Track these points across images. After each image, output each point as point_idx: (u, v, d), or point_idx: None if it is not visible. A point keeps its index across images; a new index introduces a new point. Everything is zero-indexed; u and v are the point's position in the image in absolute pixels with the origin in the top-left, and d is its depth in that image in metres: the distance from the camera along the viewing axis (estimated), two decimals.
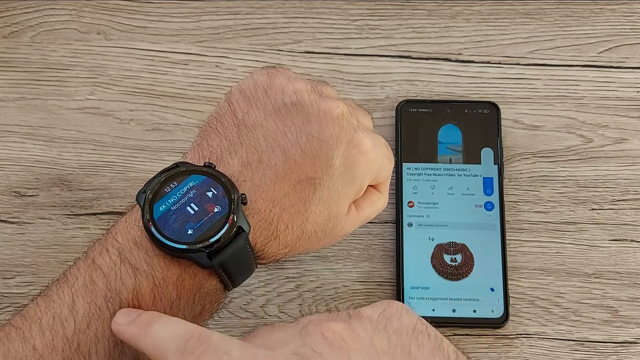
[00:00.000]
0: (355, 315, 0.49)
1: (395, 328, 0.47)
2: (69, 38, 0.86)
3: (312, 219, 0.60)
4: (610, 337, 0.74)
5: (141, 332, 0.51)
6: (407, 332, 0.48)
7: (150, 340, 0.50)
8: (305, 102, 0.61)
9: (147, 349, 0.50)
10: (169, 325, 0.51)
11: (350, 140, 0.60)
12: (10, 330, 0.55)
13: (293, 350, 0.46)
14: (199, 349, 0.47)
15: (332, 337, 0.46)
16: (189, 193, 0.57)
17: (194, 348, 0.47)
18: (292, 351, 0.46)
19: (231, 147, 0.60)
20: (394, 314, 0.49)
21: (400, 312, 0.49)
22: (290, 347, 0.46)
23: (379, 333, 0.47)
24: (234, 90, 0.64)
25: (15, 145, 0.82)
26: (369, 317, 0.49)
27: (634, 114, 0.83)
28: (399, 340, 0.47)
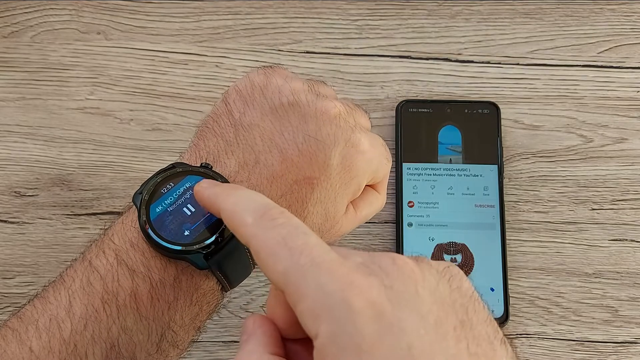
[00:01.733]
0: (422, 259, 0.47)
1: (457, 286, 0.46)
2: (69, 38, 0.86)
3: (310, 219, 0.60)
4: (610, 337, 0.74)
5: (225, 192, 0.50)
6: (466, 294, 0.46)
7: (232, 198, 0.48)
8: (302, 102, 0.61)
9: (226, 206, 0.48)
10: (255, 193, 0.49)
11: (347, 140, 0.60)
12: (6, 332, 0.55)
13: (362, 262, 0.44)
14: (279, 219, 0.45)
15: (402, 265, 0.45)
16: (186, 194, 0.56)
17: (274, 216, 0.46)
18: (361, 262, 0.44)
19: (228, 148, 0.60)
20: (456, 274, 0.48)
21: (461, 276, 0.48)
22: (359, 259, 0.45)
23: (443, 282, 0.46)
24: (230, 90, 0.63)
25: (15, 145, 0.82)
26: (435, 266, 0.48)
27: (634, 114, 0.83)
28: (459, 297, 0.46)
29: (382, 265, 0.44)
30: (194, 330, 0.59)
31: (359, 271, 0.43)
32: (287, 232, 0.44)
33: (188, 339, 0.59)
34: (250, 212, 0.46)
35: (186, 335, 0.58)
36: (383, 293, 0.42)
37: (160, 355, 0.57)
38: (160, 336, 0.56)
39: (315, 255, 0.43)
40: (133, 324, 0.55)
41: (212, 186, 0.52)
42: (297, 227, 0.45)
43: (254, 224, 0.46)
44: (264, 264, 0.44)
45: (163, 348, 0.57)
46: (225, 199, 0.49)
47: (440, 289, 0.45)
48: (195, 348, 0.74)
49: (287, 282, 0.43)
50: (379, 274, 0.43)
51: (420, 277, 0.45)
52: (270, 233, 0.45)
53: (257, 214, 0.46)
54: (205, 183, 0.52)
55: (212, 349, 0.75)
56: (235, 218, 0.47)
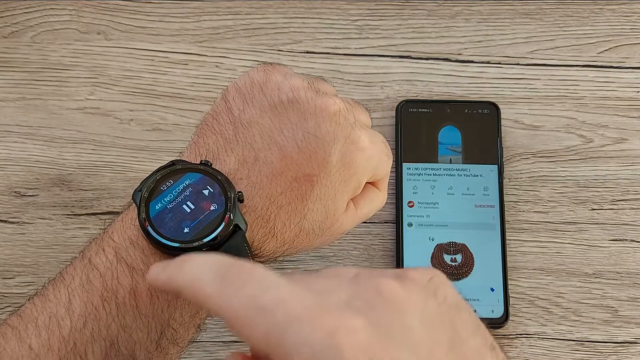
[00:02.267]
0: (405, 275, 0.46)
1: (443, 298, 0.46)
2: (69, 38, 0.86)
3: (310, 216, 0.60)
4: (610, 337, 0.74)
5: (176, 270, 0.45)
6: (453, 305, 0.46)
7: (187, 273, 0.44)
8: (301, 99, 0.61)
9: (183, 284, 0.44)
10: (207, 256, 0.45)
11: (347, 137, 0.60)
12: (6, 329, 0.55)
13: (346, 301, 0.42)
14: (241, 279, 0.42)
15: (388, 294, 0.43)
16: (185, 191, 0.56)
17: (235, 278, 0.42)
18: (344, 301, 0.42)
19: (227, 145, 0.60)
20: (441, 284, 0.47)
21: (446, 284, 0.47)
22: (342, 295, 0.43)
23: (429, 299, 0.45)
24: (230, 87, 0.63)
25: (15, 145, 0.82)
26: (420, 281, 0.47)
27: (634, 114, 0.83)
28: (447, 311, 0.45)
29: (367, 299, 0.43)
30: (194, 328, 0.59)
31: (343, 313, 0.41)
32: (253, 292, 0.41)
33: (188, 336, 0.59)
34: (209, 282, 0.43)
35: (186, 333, 0.58)
36: (372, 333, 0.40)
37: (160, 352, 0.57)
38: (160, 334, 0.56)
39: (291, 308, 0.40)
40: (132, 321, 0.55)
41: (162, 270, 0.46)
42: (261, 281, 0.42)
43: (217, 294, 0.42)
44: (241, 333, 0.41)
45: (163, 346, 0.57)
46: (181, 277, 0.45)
47: (428, 309, 0.44)
48: (195, 348, 0.74)
49: (269, 344, 0.40)
50: (364, 310, 0.42)
51: (407, 303, 0.44)
52: (237, 299, 0.42)
53: (216, 283, 0.43)
54: (156, 269, 0.47)
55: (212, 349, 0.75)
56: (197, 294, 0.44)
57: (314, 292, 0.43)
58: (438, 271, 0.48)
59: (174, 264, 0.46)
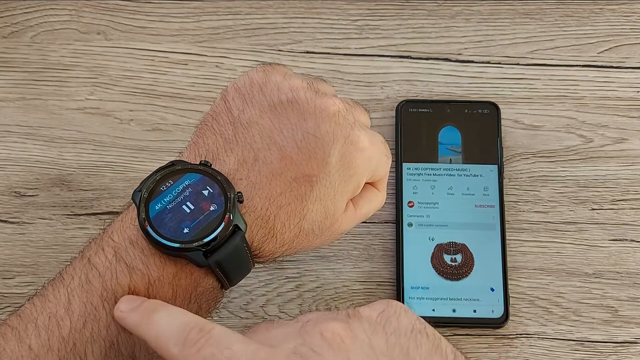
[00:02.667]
0: (354, 315, 0.49)
1: (394, 328, 0.47)
2: (69, 38, 0.86)
3: (309, 216, 0.60)
4: (610, 337, 0.74)
5: (144, 320, 0.51)
6: (406, 332, 0.47)
7: (152, 328, 0.50)
8: (301, 100, 0.61)
9: (149, 337, 0.50)
10: (172, 314, 0.50)
11: (346, 137, 0.60)
12: (6, 330, 0.55)
13: (292, 349, 0.46)
14: (200, 341, 0.47)
15: (330, 337, 0.46)
16: (185, 192, 0.56)
17: (195, 340, 0.47)
18: (291, 350, 0.46)
19: (227, 145, 0.60)
20: (392, 314, 0.49)
21: (399, 312, 0.49)
22: (290, 345, 0.46)
23: (377, 333, 0.47)
24: (229, 87, 0.63)
25: (15, 145, 0.82)
26: (368, 317, 0.49)
27: (634, 114, 0.83)
28: (397, 341, 0.46)
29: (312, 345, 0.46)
30: None
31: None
32: (210, 353, 0.46)
33: None
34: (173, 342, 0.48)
35: None
36: None
37: None
38: None
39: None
40: None
41: (130, 312, 0.53)
42: (218, 343, 0.47)
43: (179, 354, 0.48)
44: None
45: None
46: (147, 330, 0.50)
47: (375, 343, 0.46)
48: None
49: None
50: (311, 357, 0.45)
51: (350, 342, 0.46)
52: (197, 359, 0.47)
53: (180, 343, 0.48)
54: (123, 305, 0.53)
55: None
56: (162, 351, 0.49)
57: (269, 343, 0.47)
58: (393, 302, 0.51)
59: (142, 311, 0.52)
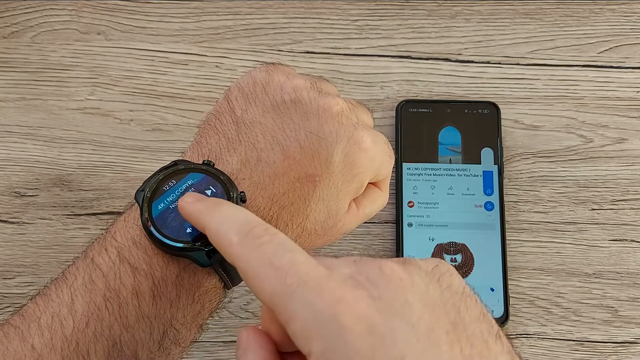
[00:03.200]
0: (410, 262, 0.47)
1: (448, 284, 0.46)
2: (69, 38, 0.86)
3: (312, 216, 0.60)
4: (610, 337, 0.74)
5: (208, 209, 0.50)
6: (458, 291, 0.47)
7: (216, 216, 0.49)
8: (304, 99, 0.61)
9: (210, 225, 0.49)
10: (238, 208, 0.50)
11: (350, 137, 0.60)
12: (9, 329, 0.55)
13: (349, 274, 0.44)
14: (264, 237, 0.45)
15: (390, 273, 0.45)
16: (188, 191, 0.56)
17: (259, 234, 0.46)
18: (348, 275, 0.44)
19: (230, 145, 0.59)
20: (445, 272, 0.48)
21: (451, 272, 0.48)
22: (347, 270, 0.45)
23: (433, 284, 0.46)
24: (232, 87, 0.63)
25: (15, 145, 0.82)
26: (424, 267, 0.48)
27: (634, 114, 0.83)
28: (450, 297, 0.46)
29: (369, 276, 0.44)
30: (196, 328, 0.59)
31: (346, 285, 0.43)
32: (273, 251, 0.44)
33: (190, 337, 0.59)
34: (234, 231, 0.47)
35: (188, 333, 0.58)
36: (372, 305, 0.42)
37: (162, 353, 0.57)
38: (163, 334, 0.56)
39: (302, 274, 0.43)
40: (135, 321, 0.55)
41: (196, 201, 0.52)
42: (282, 245, 0.45)
43: (238, 244, 0.46)
44: (252, 285, 0.44)
45: (165, 346, 0.57)
46: (210, 218, 0.49)
47: (430, 292, 0.45)
48: (196, 348, 0.74)
49: (275, 303, 0.43)
50: (366, 285, 0.43)
51: (409, 283, 0.45)
52: (256, 253, 0.45)
53: (242, 233, 0.46)
54: (189, 197, 0.53)
55: (212, 349, 0.75)
56: (220, 238, 0.47)
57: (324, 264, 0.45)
58: (445, 262, 0.49)
59: (209, 202, 0.51)
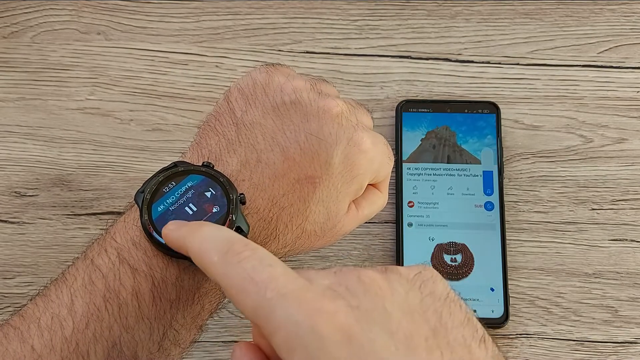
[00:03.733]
0: (391, 270, 0.48)
1: (430, 291, 0.47)
2: (69, 38, 0.86)
3: (312, 218, 0.60)
4: (610, 337, 0.74)
5: (190, 232, 0.50)
6: (440, 297, 0.47)
7: (198, 238, 0.49)
8: (304, 101, 0.61)
9: (193, 246, 0.49)
10: (219, 228, 0.50)
11: (349, 139, 0.60)
12: (8, 330, 0.55)
13: (328, 285, 0.45)
14: (244, 253, 0.46)
15: (368, 282, 0.45)
16: (188, 193, 0.56)
17: (239, 250, 0.46)
18: (327, 285, 0.45)
19: (230, 146, 0.59)
20: (428, 278, 0.48)
21: (435, 278, 0.49)
22: (326, 281, 0.45)
23: (413, 291, 0.46)
24: (232, 88, 0.63)
25: (15, 145, 0.82)
26: (406, 274, 0.48)
27: (634, 114, 0.83)
28: (432, 304, 0.46)
29: (348, 286, 0.45)
30: (195, 329, 0.59)
31: (325, 296, 0.43)
32: (252, 267, 0.45)
33: (190, 337, 0.59)
34: (215, 250, 0.47)
35: (188, 333, 0.58)
36: (351, 315, 0.42)
37: (162, 353, 0.57)
38: (162, 335, 0.56)
39: (281, 287, 0.43)
40: (135, 322, 0.55)
41: (178, 228, 0.52)
42: (262, 259, 0.45)
43: (219, 262, 0.46)
44: (235, 300, 0.45)
45: (165, 347, 0.57)
46: (192, 240, 0.50)
47: (410, 299, 0.46)
48: (196, 348, 0.74)
49: (258, 317, 0.43)
50: (345, 295, 0.44)
51: (388, 291, 0.45)
52: (236, 269, 0.45)
53: (222, 252, 0.47)
54: (172, 225, 0.53)
55: (212, 349, 0.75)
56: (202, 258, 0.48)
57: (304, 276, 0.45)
58: (429, 267, 0.50)
59: (190, 227, 0.51)
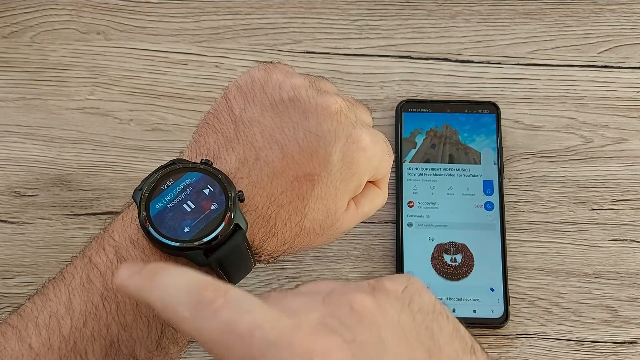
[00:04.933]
0: (379, 288, 0.46)
1: (419, 307, 0.46)
2: (69, 38, 0.86)
3: (311, 215, 0.60)
4: (610, 337, 0.74)
5: (147, 283, 0.44)
6: (429, 312, 0.46)
7: (158, 291, 0.43)
8: (302, 98, 0.61)
9: (154, 301, 0.43)
10: (179, 274, 0.44)
11: (348, 136, 0.60)
12: (6, 328, 0.55)
13: (319, 320, 0.42)
14: (217, 303, 0.41)
15: (361, 310, 0.43)
16: (186, 190, 0.56)
17: (211, 301, 0.41)
18: (318, 320, 0.42)
19: (228, 144, 0.59)
20: (415, 291, 0.47)
21: (421, 290, 0.48)
22: (315, 315, 0.43)
23: (404, 311, 0.45)
24: (231, 86, 0.63)
25: (15, 145, 0.82)
26: (394, 292, 0.46)
27: (634, 114, 0.83)
28: (422, 320, 0.46)
29: (340, 317, 0.43)
30: None
31: (317, 334, 0.41)
32: (230, 317, 0.41)
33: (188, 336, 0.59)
34: (183, 305, 0.42)
35: None
36: (347, 350, 0.41)
37: (160, 352, 0.57)
38: (160, 333, 0.56)
39: (268, 334, 0.40)
40: (132, 320, 0.55)
41: (132, 275, 0.45)
42: (238, 305, 0.42)
43: (191, 318, 0.42)
44: (217, 355, 0.41)
45: (163, 345, 0.57)
46: (150, 293, 0.44)
47: (403, 321, 0.45)
48: (195, 348, 0.74)
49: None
50: (338, 329, 0.42)
51: (381, 317, 0.44)
52: (213, 323, 0.41)
53: (192, 305, 0.42)
54: (124, 271, 0.45)
55: None
56: (169, 315, 0.43)
57: (289, 312, 0.42)
58: (413, 278, 0.49)
59: (145, 274, 0.45)
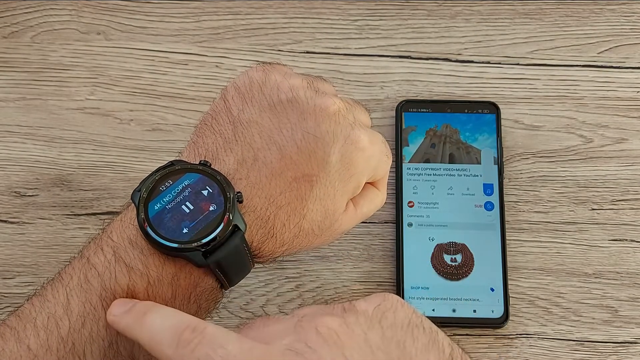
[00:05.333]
0: (350, 309, 0.49)
1: (390, 322, 0.48)
2: (69, 38, 0.86)
3: (309, 216, 0.60)
4: (610, 337, 0.74)
5: (136, 322, 0.51)
6: (402, 326, 0.48)
7: (145, 330, 0.50)
8: (300, 99, 0.61)
9: (142, 339, 0.50)
10: (164, 315, 0.50)
11: (346, 137, 0.60)
12: (4, 330, 0.55)
13: (287, 345, 0.46)
14: (194, 341, 0.47)
15: (326, 333, 0.46)
16: (184, 191, 0.56)
17: (189, 340, 0.47)
18: (286, 346, 0.46)
19: (226, 145, 0.59)
20: (389, 308, 0.49)
21: (396, 306, 0.49)
22: (285, 341, 0.46)
23: (373, 328, 0.47)
24: (229, 87, 0.63)
25: (15, 145, 0.82)
26: (364, 311, 0.49)
27: (634, 114, 0.83)
28: (393, 335, 0.47)
29: (307, 341, 0.46)
30: None
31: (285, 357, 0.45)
32: (205, 353, 0.46)
33: None
34: (167, 343, 0.48)
35: None
36: None
37: None
38: None
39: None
40: None
41: (124, 314, 0.52)
42: (212, 343, 0.47)
43: (174, 355, 0.48)
44: None
45: None
46: (139, 332, 0.50)
47: (370, 339, 0.47)
48: None
49: None
50: (305, 352, 0.45)
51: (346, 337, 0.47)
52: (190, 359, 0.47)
53: (174, 344, 0.48)
54: (116, 308, 0.53)
55: None
56: (155, 352, 0.49)
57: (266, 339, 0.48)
58: (389, 295, 0.52)
59: (135, 314, 0.52)
